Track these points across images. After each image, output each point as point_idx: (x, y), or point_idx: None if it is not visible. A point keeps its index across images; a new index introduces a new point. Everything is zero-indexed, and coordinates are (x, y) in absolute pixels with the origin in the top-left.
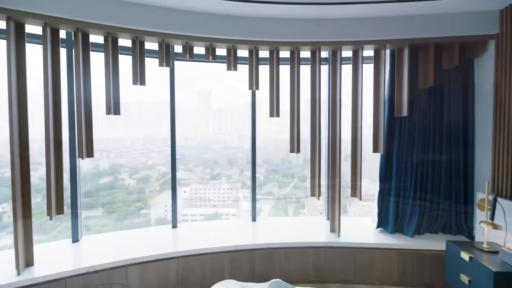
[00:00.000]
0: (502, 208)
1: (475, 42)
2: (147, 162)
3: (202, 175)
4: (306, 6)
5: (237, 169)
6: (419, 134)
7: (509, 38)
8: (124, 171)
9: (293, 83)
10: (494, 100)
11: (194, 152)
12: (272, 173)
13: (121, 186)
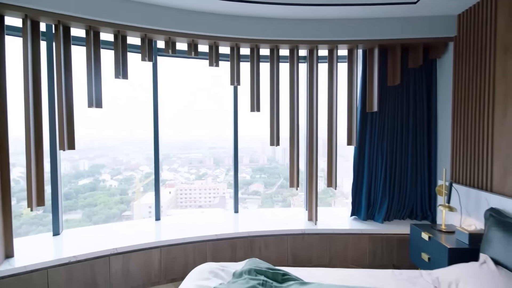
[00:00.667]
0: (457, 193)
1: (437, 44)
2: (130, 162)
3: (188, 175)
4: (285, 7)
5: (223, 169)
6: (388, 128)
7: (465, 40)
8: (105, 172)
9: (273, 80)
10: (453, 97)
11: (179, 152)
12: (258, 172)
13: (102, 187)
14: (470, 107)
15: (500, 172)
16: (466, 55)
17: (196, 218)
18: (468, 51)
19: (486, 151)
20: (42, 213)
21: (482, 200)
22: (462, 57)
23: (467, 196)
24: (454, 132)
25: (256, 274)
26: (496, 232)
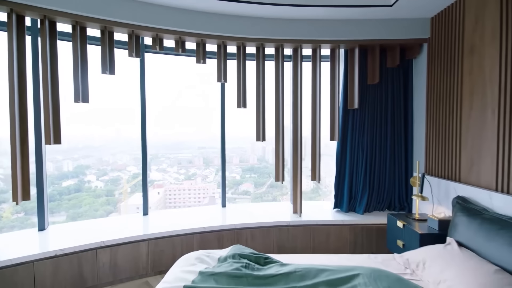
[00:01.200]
0: (429, 184)
1: (412, 45)
2: (117, 163)
3: (177, 176)
4: (271, 6)
5: (213, 169)
6: (368, 124)
7: (437, 42)
8: (90, 172)
9: (259, 77)
10: (427, 95)
11: (168, 152)
12: (248, 172)
13: (87, 188)
14: (442, 104)
15: (467, 163)
16: (438, 55)
17: (184, 213)
18: (440, 52)
19: (455, 144)
20: (23, 215)
21: (451, 189)
22: (434, 58)
23: (438, 186)
24: (427, 128)
25: (240, 258)
26: (461, 218)
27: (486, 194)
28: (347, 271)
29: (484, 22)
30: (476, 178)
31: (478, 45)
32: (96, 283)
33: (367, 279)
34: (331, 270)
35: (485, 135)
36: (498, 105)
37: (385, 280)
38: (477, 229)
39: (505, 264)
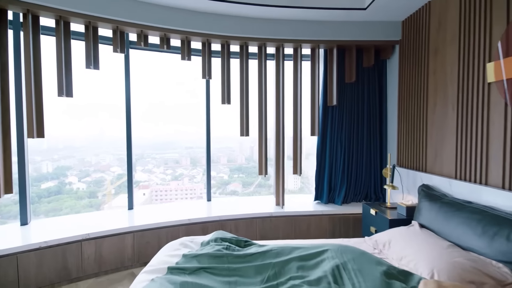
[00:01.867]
0: (399, 174)
1: (386, 46)
2: (100, 163)
3: (163, 176)
4: (254, 7)
5: (200, 169)
6: (346, 120)
7: (407, 43)
8: (72, 174)
9: (242, 75)
10: (398, 93)
11: (154, 152)
12: (236, 172)
13: (68, 191)
14: (411, 101)
15: (432, 155)
16: (408, 56)
17: (170, 207)
18: (410, 53)
19: (422, 138)
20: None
21: (418, 179)
22: (405, 58)
23: (408, 176)
24: (399, 123)
25: (222, 241)
26: (425, 203)
27: (447, 182)
28: (318, 248)
29: (446, 26)
30: (439, 167)
31: (441, 47)
32: (81, 275)
33: (334, 253)
34: (304, 247)
35: (447, 129)
36: (457, 101)
37: (350, 253)
38: (437, 212)
39: (458, 240)
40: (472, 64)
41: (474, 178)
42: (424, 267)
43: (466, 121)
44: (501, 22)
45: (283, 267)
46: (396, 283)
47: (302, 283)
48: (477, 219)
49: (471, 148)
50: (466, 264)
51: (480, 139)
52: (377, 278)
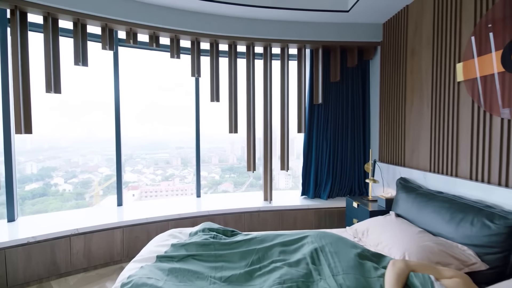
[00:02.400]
0: (379, 169)
1: (368, 47)
2: (88, 164)
3: (153, 177)
4: (242, 7)
5: (191, 169)
6: (331, 118)
7: (388, 45)
8: (57, 175)
9: (231, 73)
10: (380, 92)
11: (144, 152)
12: (228, 172)
13: (54, 192)
14: (391, 100)
15: (409, 150)
16: (388, 57)
17: (159, 203)
18: (390, 54)
19: (401, 134)
20: None
21: (397, 173)
22: (385, 59)
23: (388, 171)
24: (380, 121)
25: (209, 231)
26: (401, 194)
27: (422, 175)
28: (299, 235)
29: (421, 29)
30: (416, 162)
31: (417, 48)
32: (70, 270)
33: (313, 239)
34: (286, 235)
35: (422, 126)
36: (431, 100)
37: (328, 238)
38: (412, 203)
39: (429, 227)
40: (444, 65)
41: (446, 170)
42: (397, 251)
43: (439, 118)
44: (469, 26)
45: (266, 252)
46: (368, 263)
47: (283, 265)
48: (446, 207)
49: (443, 143)
50: (434, 247)
51: (451, 135)
52: (351, 258)
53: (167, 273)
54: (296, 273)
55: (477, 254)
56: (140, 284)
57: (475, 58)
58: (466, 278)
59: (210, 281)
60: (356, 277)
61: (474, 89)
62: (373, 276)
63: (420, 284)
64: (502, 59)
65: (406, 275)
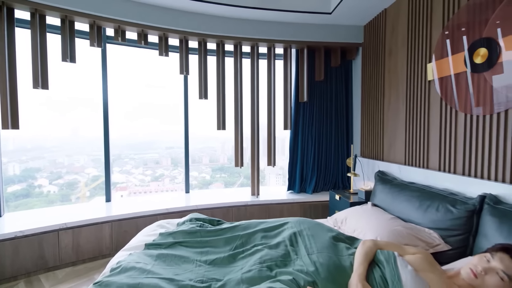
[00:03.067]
0: (360, 163)
1: (350, 48)
2: (74, 165)
3: (143, 177)
4: (230, 7)
5: (181, 169)
6: (316, 115)
7: (368, 46)
8: (42, 176)
9: (219, 72)
10: (361, 90)
11: (133, 152)
12: (219, 172)
13: (38, 194)
14: (371, 98)
15: (387, 145)
16: (369, 57)
17: (148, 198)
18: (370, 54)
19: (380, 131)
20: None
21: (376, 167)
22: (366, 59)
23: (368, 165)
24: (362, 118)
25: (196, 221)
26: (378, 186)
27: (397, 167)
28: (280, 221)
29: (398, 31)
30: (393, 156)
31: (394, 49)
32: (58, 264)
33: (293, 224)
34: (268, 222)
35: (398, 122)
36: (406, 98)
37: (306, 224)
38: (387, 193)
39: (401, 214)
40: (417, 65)
41: (418, 163)
42: (370, 236)
43: (413, 115)
44: (438, 29)
45: (249, 237)
46: (342, 244)
47: (264, 248)
48: (416, 196)
49: (416, 137)
50: (403, 231)
51: (423, 130)
52: (326, 240)
53: (155, 258)
54: (275, 254)
55: (442, 237)
56: (129, 268)
57: (447, 58)
58: (426, 254)
59: (196, 264)
60: (329, 255)
61: (441, 87)
62: (345, 254)
63: (384, 259)
64: (465, 60)
65: (373, 253)
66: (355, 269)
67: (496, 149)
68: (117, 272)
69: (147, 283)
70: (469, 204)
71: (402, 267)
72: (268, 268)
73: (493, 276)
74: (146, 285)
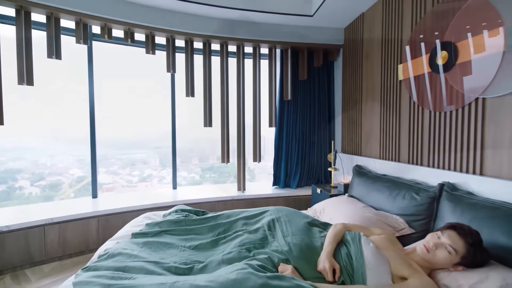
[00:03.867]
0: (340, 158)
1: (332, 49)
2: (57, 166)
3: (130, 178)
4: (215, 8)
5: (170, 169)
6: (300, 113)
7: (348, 48)
8: (23, 177)
9: (205, 70)
10: (342, 90)
11: (119, 152)
12: (208, 172)
13: (19, 196)
14: (351, 97)
15: (365, 141)
16: (349, 59)
17: (135, 195)
18: (350, 56)
19: (358, 128)
20: None
21: (354, 161)
22: (346, 60)
23: (347, 160)
24: (342, 116)
25: (182, 212)
26: (355, 179)
27: (373, 161)
28: (260, 210)
29: (373, 34)
30: (370, 151)
31: (370, 52)
32: (44, 258)
33: (272, 212)
34: (249, 211)
35: (374, 120)
36: (380, 97)
37: (285, 211)
38: (362, 185)
39: (373, 203)
40: (390, 66)
41: (391, 157)
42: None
43: (386, 112)
44: (407, 33)
45: (231, 225)
46: (315, 228)
47: (244, 233)
48: (387, 187)
49: (389, 133)
50: (373, 218)
51: (395, 126)
52: (301, 225)
53: (142, 245)
54: (254, 238)
55: (407, 222)
56: (116, 254)
57: (412, 60)
58: (389, 235)
59: (181, 249)
60: (302, 237)
61: (408, 87)
62: (317, 236)
63: (351, 238)
64: (429, 62)
65: (342, 234)
66: (324, 248)
67: (455, 143)
68: (104, 258)
69: (133, 266)
70: (430, 191)
71: (365, 245)
72: (247, 250)
73: (443, 250)
74: (132, 267)
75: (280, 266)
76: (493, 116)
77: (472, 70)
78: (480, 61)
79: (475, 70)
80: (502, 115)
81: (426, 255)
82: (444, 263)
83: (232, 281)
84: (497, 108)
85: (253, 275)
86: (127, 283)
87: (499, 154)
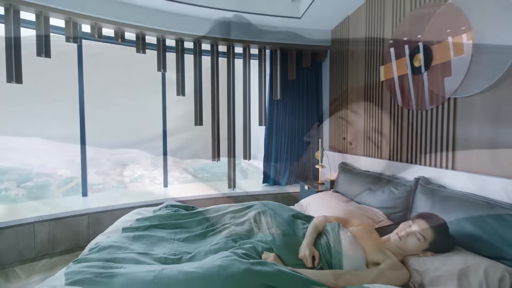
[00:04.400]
0: (327, 156)
1: (320, 50)
2: (45, 166)
3: (120, 178)
4: (205, 9)
5: (161, 169)
6: (289, 113)
7: (335, 49)
8: (8, 179)
9: (196, 69)
10: (329, 90)
11: (110, 152)
12: (201, 172)
13: (4, 197)
14: (338, 97)
15: (351, 139)
16: (336, 60)
17: (125, 192)
18: (336, 57)
19: (344, 127)
20: None
21: (341, 159)
22: (333, 61)
23: (334, 158)
24: (330, 116)
25: (172, 207)
26: (341, 175)
27: (357, 159)
28: (248, 204)
29: (358, 37)
30: (355, 149)
31: (355, 53)
32: (34, 256)
33: (259, 206)
34: (237, 205)
35: (359, 119)
36: (364, 96)
37: (270, 205)
38: (347, 181)
39: (357, 198)
40: (372, 67)
41: (374, 154)
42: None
43: (370, 111)
44: (389, 35)
45: (219, 219)
46: (299, 220)
47: (231, 225)
48: (369, 182)
49: (372, 131)
50: (354, 211)
51: (377, 124)
52: (286, 218)
53: (132, 239)
54: (240, 230)
55: (386, 214)
56: (106, 247)
57: (392, 62)
58: (367, 226)
59: (170, 241)
60: (286, 228)
61: (389, 87)
62: (300, 227)
63: (330, 229)
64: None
65: (323, 225)
66: (305, 237)
67: (430, 140)
68: (95, 251)
69: (123, 257)
70: (407, 185)
71: (343, 234)
72: (233, 241)
73: (413, 237)
74: (123, 258)
75: (263, 254)
76: (463, 115)
77: (446, 72)
78: (452, 64)
79: (448, 72)
80: (470, 114)
81: (399, 242)
82: (415, 249)
83: (217, 267)
84: (467, 108)
85: (237, 261)
86: (117, 271)
87: (468, 150)
